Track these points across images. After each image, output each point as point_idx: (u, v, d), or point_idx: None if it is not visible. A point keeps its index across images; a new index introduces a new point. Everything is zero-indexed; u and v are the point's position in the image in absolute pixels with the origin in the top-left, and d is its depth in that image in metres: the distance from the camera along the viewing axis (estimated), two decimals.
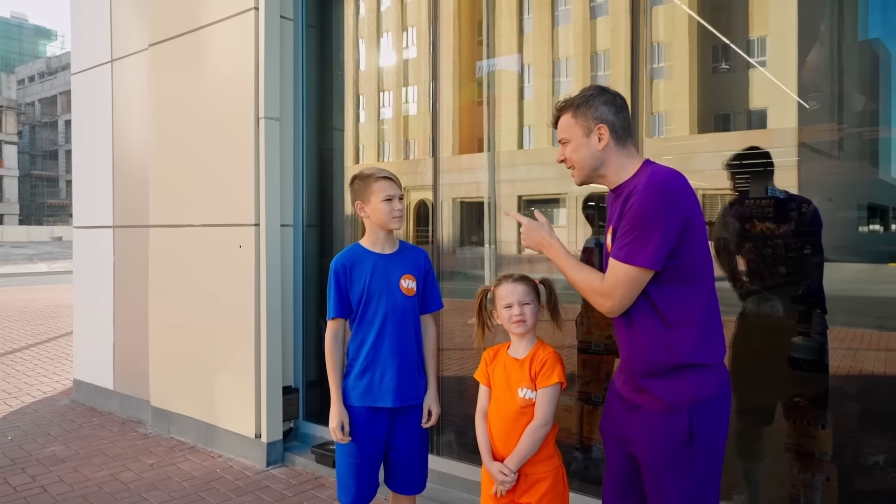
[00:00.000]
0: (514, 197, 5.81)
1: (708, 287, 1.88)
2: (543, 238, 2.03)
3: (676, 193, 1.80)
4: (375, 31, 9.80)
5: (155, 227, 4.58)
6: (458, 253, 5.35)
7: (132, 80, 4.94)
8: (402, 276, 2.43)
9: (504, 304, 2.21)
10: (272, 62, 3.91)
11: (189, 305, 4.33)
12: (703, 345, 1.86)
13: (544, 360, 2.15)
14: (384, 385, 2.38)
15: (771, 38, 2.92)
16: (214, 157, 4.15)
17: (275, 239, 3.95)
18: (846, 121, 2.63)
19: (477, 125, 5.44)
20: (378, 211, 2.38)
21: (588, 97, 1.94)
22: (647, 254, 1.75)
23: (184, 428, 4.41)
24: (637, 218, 1.77)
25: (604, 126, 1.91)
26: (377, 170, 2.43)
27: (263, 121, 3.86)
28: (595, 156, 1.92)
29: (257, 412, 3.94)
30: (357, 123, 9.47)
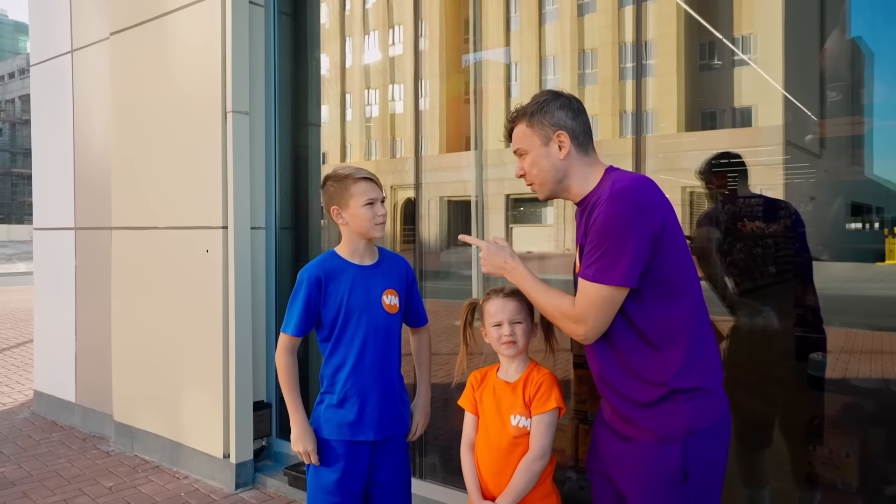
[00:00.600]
0: (501, 195, 5.83)
1: (693, 299, 1.66)
2: (505, 262, 1.80)
3: (644, 200, 1.59)
4: (361, 21, 9.53)
5: (118, 229, 4.27)
6: (445, 253, 5.19)
7: (94, 72, 4.61)
8: (385, 291, 2.16)
9: (493, 321, 1.95)
10: (240, 51, 3.61)
11: (154, 314, 4.02)
12: (695, 365, 1.63)
13: (539, 382, 1.89)
14: (366, 416, 2.10)
15: (758, 36, 2.84)
16: (179, 153, 3.84)
17: (244, 242, 3.65)
18: (830, 119, 2.55)
19: (463, 123, 5.36)
20: (359, 217, 2.09)
21: (542, 103, 1.73)
22: (619, 270, 1.55)
23: (148, 445, 4.10)
24: (603, 231, 1.56)
25: (563, 132, 1.71)
26: (355, 169, 2.14)
27: (231, 115, 3.56)
28: (557, 166, 1.72)
29: (225, 430, 3.65)
30: (343, 120, 9.18)
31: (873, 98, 2.40)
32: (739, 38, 2.91)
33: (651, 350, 1.63)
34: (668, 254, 1.60)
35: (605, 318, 1.62)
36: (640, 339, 1.63)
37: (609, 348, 1.69)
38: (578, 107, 1.76)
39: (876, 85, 2.37)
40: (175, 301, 3.89)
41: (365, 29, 9.30)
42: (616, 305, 1.61)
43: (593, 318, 1.61)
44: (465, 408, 2.05)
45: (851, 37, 2.45)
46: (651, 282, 1.60)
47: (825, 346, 2.49)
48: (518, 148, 1.78)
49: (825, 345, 2.49)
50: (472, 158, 5.14)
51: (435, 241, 5.27)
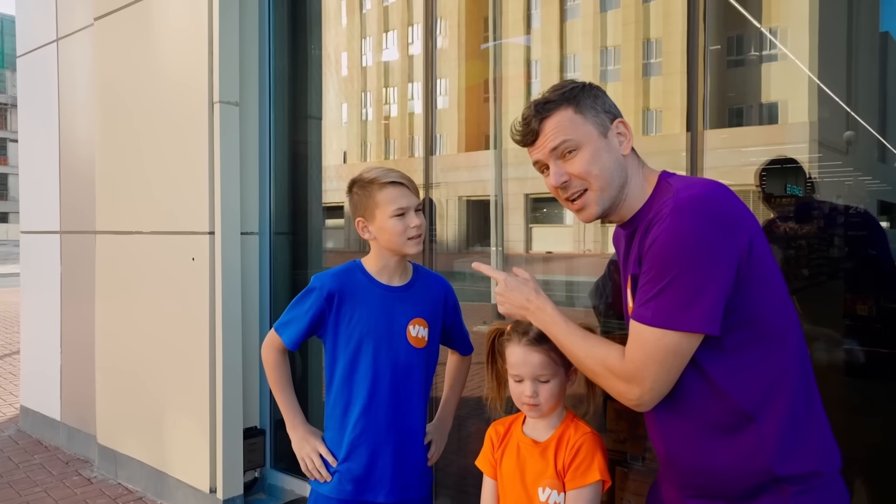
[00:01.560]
0: (521, 195, 5.45)
1: (795, 345, 1.21)
2: (528, 300, 1.37)
3: (724, 213, 1.14)
4: (380, 19, 9.19)
5: (102, 233, 3.89)
6: (463, 253, 4.88)
7: (79, 62, 4.24)
8: (412, 319, 1.77)
9: (513, 373, 1.50)
10: (229, 34, 3.19)
11: (138, 327, 3.63)
12: (804, 441, 1.17)
13: (577, 445, 1.45)
14: (377, 472, 1.73)
15: (788, 29, 2.57)
16: (164, 150, 3.44)
17: (233, 250, 3.23)
18: (861, 116, 2.24)
19: (483, 121, 5.12)
20: (387, 231, 1.71)
21: (583, 86, 1.29)
22: (693, 310, 1.13)
23: (132, 473, 3.71)
24: (668, 256, 1.12)
25: (623, 120, 1.28)
26: (383, 171, 1.74)
27: (219, 105, 3.15)
28: (621, 164, 1.28)
29: (212, 460, 3.24)
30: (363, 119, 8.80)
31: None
32: (767, 32, 2.61)
33: (740, 420, 1.17)
34: (759, 285, 1.16)
35: (669, 377, 1.17)
36: (724, 404, 1.18)
37: (679, 418, 1.23)
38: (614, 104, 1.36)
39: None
40: (159, 314, 3.49)
41: (385, 27, 8.99)
42: (685, 359, 1.16)
43: (652, 377, 1.17)
44: (483, 470, 1.61)
45: (883, 30, 2.21)
46: (737, 324, 1.15)
47: None
48: (562, 143, 1.28)
49: None
50: (492, 157, 4.92)
51: (453, 242, 5.00)
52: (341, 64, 6.87)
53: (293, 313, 1.79)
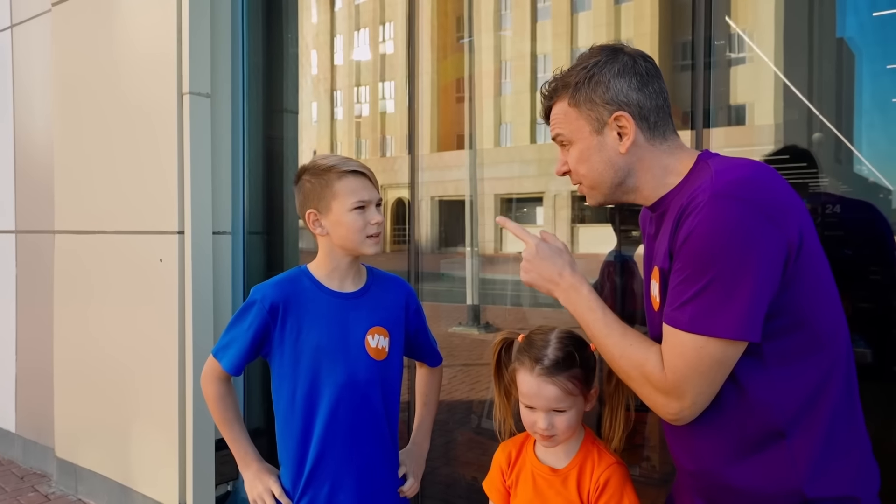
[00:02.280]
0: (491, 195, 5.47)
1: (842, 356, 1.08)
2: (560, 274, 1.21)
3: (770, 202, 1.00)
4: (351, 17, 9.04)
5: (62, 233, 3.65)
6: (437, 254, 4.91)
7: (35, 50, 3.99)
8: (370, 329, 1.57)
9: (524, 402, 1.34)
10: (200, 21, 3.01)
11: (100, 333, 3.42)
12: (840, 462, 1.06)
13: (603, 479, 1.30)
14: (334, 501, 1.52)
15: (755, 34, 2.55)
16: (129, 144, 3.24)
17: (204, 250, 3.04)
18: (824, 118, 2.24)
19: (456, 121, 5.12)
20: (344, 226, 1.51)
21: (590, 68, 1.14)
22: (733, 314, 0.99)
23: (93, 488, 3.49)
24: (705, 252, 0.99)
25: (623, 114, 1.11)
26: (341, 159, 1.55)
27: (188, 97, 2.96)
28: (616, 164, 1.15)
29: (181, 473, 3.04)
30: (332, 117, 8.65)
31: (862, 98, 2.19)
32: (735, 35, 2.55)
33: (772, 435, 1.06)
34: (809, 285, 1.04)
35: (712, 389, 1.06)
36: (757, 417, 1.07)
37: (706, 430, 1.11)
38: (647, 69, 1.16)
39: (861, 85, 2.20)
40: (124, 318, 3.28)
41: (355, 26, 8.83)
42: (729, 368, 1.04)
43: (695, 390, 1.05)
44: (491, 497, 1.46)
45: (839, 36, 2.23)
46: (781, 329, 1.03)
47: None
48: (558, 135, 1.21)
49: None
50: (466, 157, 4.78)
51: (426, 243, 4.91)
52: (311, 62, 6.73)
53: (232, 333, 1.56)
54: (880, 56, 2.14)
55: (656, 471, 2.39)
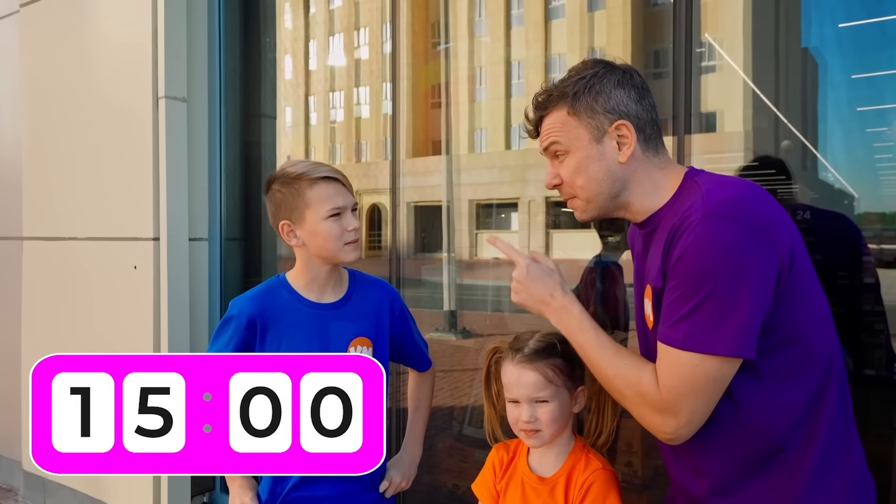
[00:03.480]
0: (466, 201, 5.63)
1: (836, 375, 1.10)
2: (552, 295, 1.20)
3: (762, 220, 1.02)
4: (326, 23, 8.97)
5: (30, 239, 3.56)
6: (413, 259, 4.86)
7: (3, 53, 3.89)
8: (353, 340, 1.53)
9: (508, 397, 1.34)
10: (176, 24, 2.96)
11: (72, 342, 3.32)
12: (838, 480, 1.07)
13: (587, 484, 1.29)
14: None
15: (723, 41, 2.62)
16: (102, 149, 3.17)
17: (180, 257, 2.99)
18: (791, 126, 2.30)
19: (432, 127, 5.16)
20: (320, 235, 1.46)
21: (590, 79, 1.14)
22: (729, 331, 1.00)
23: (63, 501, 3.39)
24: (700, 269, 1.00)
25: (625, 122, 1.12)
26: (311, 165, 1.50)
27: (164, 101, 2.91)
28: (614, 174, 1.14)
29: (155, 486, 2.97)
30: (306, 122, 8.58)
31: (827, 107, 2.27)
32: (706, 44, 2.58)
33: (769, 450, 1.07)
34: (800, 302, 1.06)
35: (707, 407, 1.06)
36: (754, 433, 1.07)
37: (701, 446, 1.11)
38: (642, 84, 1.18)
39: (825, 94, 2.28)
40: (96, 327, 3.20)
41: (330, 31, 8.79)
42: (724, 386, 1.04)
43: (690, 408, 1.04)
44: (480, 498, 1.45)
45: (804, 46, 2.30)
46: (775, 345, 1.04)
47: None
48: (552, 145, 1.19)
49: None
50: (443, 163, 4.80)
51: (403, 248, 4.93)
52: (284, 67, 6.66)
53: (213, 350, 1.54)
54: (845, 66, 2.19)
55: (638, 476, 2.41)
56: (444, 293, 4.46)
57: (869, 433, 1.58)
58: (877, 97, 2.05)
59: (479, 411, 1.68)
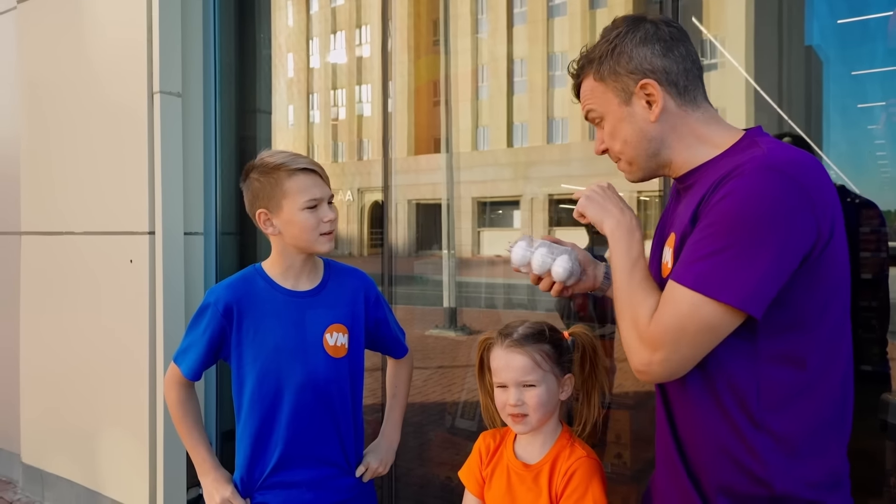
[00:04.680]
0: (468, 198, 5.41)
1: (844, 358, 1.08)
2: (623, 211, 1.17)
3: (815, 186, 0.98)
4: (328, 21, 9.00)
5: (28, 234, 3.59)
6: (414, 257, 4.83)
7: (1, 49, 3.92)
8: (329, 326, 1.55)
9: (496, 381, 1.36)
10: (171, 20, 2.98)
11: (68, 335, 3.36)
12: (819, 468, 1.05)
13: (570, 472, 1.30)
14: (293, 499, 1.54)
15: (725, 38, 2.62)
16: (98, 144, 3.19)
17: (175, 251, 3.01)
18: (794, 123, 2.28)
19: (433, 125, 5.19)
20: (296, 225, 1.49)
21: (612, 41, 1.13)
22: (743, 281, 0.96)
23: (61, 493, 3.42)
24: (733, 218, 0.97)
25: (649, 81, 1.10)
26: (290, 156, 1.53)
27: (159, 96, 2.93)
28: (648, 134, 1.13)
29: (152, 477, 3.00)
30: (308, 120, 8.60)
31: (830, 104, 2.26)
32: (708, 41, 2.62)
33: (748, 426, 1.05)
34: (823, 284, 1.02)
35: (692, 352, 1.01)
36: (737, 405, 1.05)
37: (686, 405, 1.11)
38: (672, 33, 1.13)
39: (829, 91, 2.26)
40: (93, 320, 3.23)
41: (332, 29, 8.79)
42: (717, 338, 1.00)
43: (672, 346, 1.00)
44: (466, 484, 1.46)
45: (808, 44, 2.30)
46: (780, 327, 1.01)
47: None
48: (589, 112, 1.21)
49: None
50: (443, 161, 4.80)
51: (404, 245, 4.90)
52: (287, 64, 6.69)
53: (190, 338, 1.56)
54: (848, 63, 2.18)
55: (627, 468, 2.42)
56: (444, 290, 4.47)
57: None
58: (883, 94, 2.04)
59: (474, 405, 1.69)
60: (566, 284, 1.28)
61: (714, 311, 0.98)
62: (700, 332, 0.99)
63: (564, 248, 1.28)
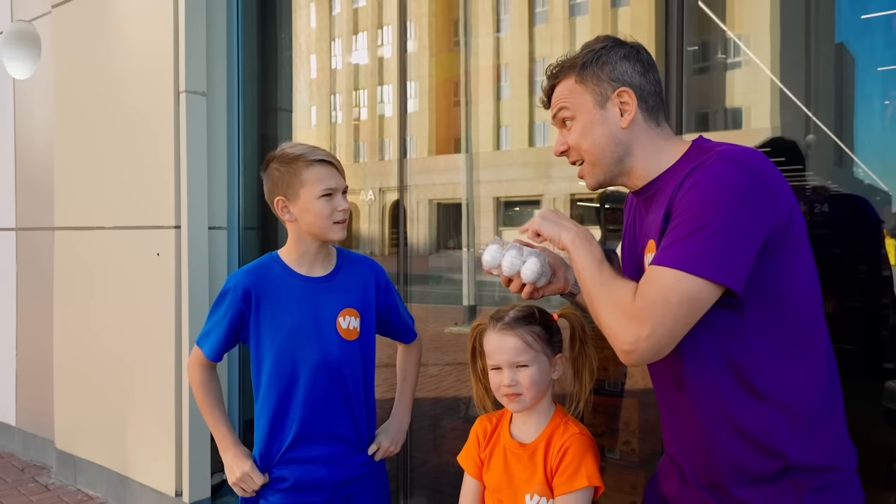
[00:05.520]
0: (490, 198, 5.64)
1: (821, 341, 1.15)
2: (576, 225, 1.26)
3: (772, 176, 1.08)
4: (350, 21, 9.11)
5: (61, 229, 3.73)
6: (434, 256, 4.86)
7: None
8: (341, 310, 1.64)
9: (490, 363, 1.41)
10: (196, 22, 3.09)
11: (99, 326, 3.49)
12: (823, 435, 1.12)
13: (564, 448, 1.35)
14: (312, 482, 1.62)
15: (750, 37, 2.58)
16: (127, 142, 3.32)
17: (200, 245, 3.13)
18: (821, 122, 2.28)
19: (454, 125, 5.25)
20: (312, 213, 1.57)
21: (598, 51, 1.21)
22: (721, 259, 1.03)
23: (92, 478, 3.56)
24: (702, 204, 1.05)
25: (627, 90, 1.18)
26: (309, 149, 1.62)
27: (185, 95, 3.05)
28: (617, 138, 1.20)
29: (178, 463, 3.12)
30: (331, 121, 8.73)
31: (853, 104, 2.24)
32: (731, 39, 2.61)
33: (756, 400, 1.11)
34: (789, 265, 1.10)
35: (676, 326, 1.05)
36: (739, 381, 1.12)
37: (689, 386, 1.17)
38: (649, 60, 1.24)
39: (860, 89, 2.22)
40: (122, 312, 3.36)
41: (354, 29, 8.87)
42: (699, 311, 1.05)
43: (657, 320, 1.04)
44: (465, 468, 1.51)
45: (838, 41, 2.26)
46: (759, 305, 1.09)
47: None
48: (560, 111, 1.26)
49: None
50: (462, 161, 4.84)
51: (424, 244, 4.92)
52: (310, 65, 6.78)
53: (211, 321, 1.64)
54: (881, 59, 2.13)
55: (636, 454, 2.46)
56: (464, 289, 4.53)
57: None
58: None
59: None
60: (537, 286, 1.33)
61: (694, 284, 1.03)
62: (682, 304, 1.04)
63: (534, 251, 1.33)
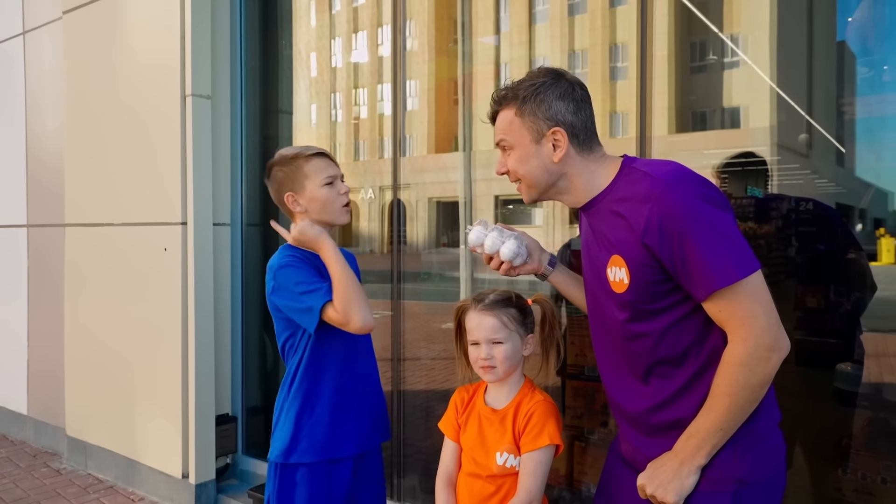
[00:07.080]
0: (490, 196, 5.74)
1: None
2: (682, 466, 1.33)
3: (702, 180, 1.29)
4: (349, 20, 9.23)
5: (71, 226, 3.90)
6: (430, 253, 4.96)
7: (47, 56, 4.24)
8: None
9: (470, 339, 1.61)
10: (201, 28, 3.26)
11: (108, 318, 3.66)
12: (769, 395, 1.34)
13: (530, 412, 1.55)
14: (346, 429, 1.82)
15: (748, 36, 2.66)
16: (135, 142, 3.49)
17: (205, 240, 3.30)
18: (819, 121, 2.37)
19: (452, 123, 5.30)
20: (320, 199, 1.76)
21: (537, 87, 1.37)
22: (746, 250, 1.23)
23: (102, 463, 3.74)
24: (686, 228, 1.22)
25: (560, 130, 1.35)
26: (303, 147, 1.83)
27: (191, 98, 3.21)
28: (549, 169, 1.39)
29: (184, 447, 3.29)
30: (331, 119, 8.83)
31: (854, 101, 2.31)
32: (728, 38, 2.69)
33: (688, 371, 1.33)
34: None
35: (774, 310, 1.23)
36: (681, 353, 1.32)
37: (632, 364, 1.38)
38: (582, 96, 1.40)
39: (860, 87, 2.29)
40: (131, 304, 3.53)
41: (354, 28, 8.99)
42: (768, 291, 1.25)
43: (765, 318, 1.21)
44: (445, 432, 1.71)
45: (840, 39, 2.33)
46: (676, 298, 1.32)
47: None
48: (501, 140, 1.45)
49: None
50: (460, 159, 4.97)
51: (423, 242, 5.07)
52: (310, 64, 6.89)
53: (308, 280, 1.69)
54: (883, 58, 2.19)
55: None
56: (461, 286, 4.67)
57: None
58: None
59: None
60: (514, 265, 1.55)
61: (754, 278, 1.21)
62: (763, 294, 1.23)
63: (514, 234, 1.56)
